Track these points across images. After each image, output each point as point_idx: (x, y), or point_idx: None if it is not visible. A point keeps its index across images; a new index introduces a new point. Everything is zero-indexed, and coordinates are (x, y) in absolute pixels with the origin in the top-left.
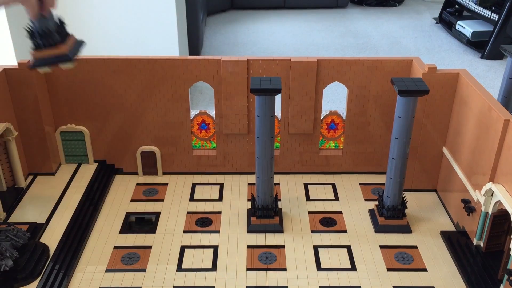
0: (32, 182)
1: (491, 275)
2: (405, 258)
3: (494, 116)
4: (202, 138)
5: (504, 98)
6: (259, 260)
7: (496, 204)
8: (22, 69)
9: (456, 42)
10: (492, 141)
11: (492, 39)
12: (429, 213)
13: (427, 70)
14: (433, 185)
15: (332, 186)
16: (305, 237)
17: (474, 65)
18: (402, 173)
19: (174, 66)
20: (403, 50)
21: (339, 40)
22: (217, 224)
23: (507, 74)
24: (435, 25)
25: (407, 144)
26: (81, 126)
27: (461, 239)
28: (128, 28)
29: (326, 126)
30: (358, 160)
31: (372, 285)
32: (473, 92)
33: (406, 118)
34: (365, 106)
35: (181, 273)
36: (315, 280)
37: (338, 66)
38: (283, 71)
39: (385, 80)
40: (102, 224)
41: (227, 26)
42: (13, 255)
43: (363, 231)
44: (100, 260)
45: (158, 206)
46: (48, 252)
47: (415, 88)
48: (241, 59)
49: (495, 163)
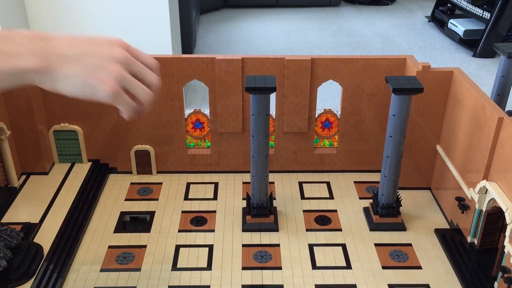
0: (25, 181)
1: (485, 272)
2: (399, 256)
3: (488, 114)
4: (197, 137)
5: (497, 96)
6: (254, 259)
7: (490, 202)
8: None
9: (448, 40)
10: (486, 139)
11: (484, 37)
12: (423, 211)
13: (421, 68)
14: (427, 183)
15: (327, 184)
16: (300, 236)
17: (466, 63)
18: (397, 171)
19: (168, 64)
20: (395, 48)
21: (332, 38)
22: (212, 223)
23: (500, 72)
24: (427, 23)
25: (402, 142)
26: (75, 125)
27: (455, 237)
28: (121, 26)
29: (321, 125)
30: (352, 158)
31: (367, 283)
32: (467, 90)
33: (400, 117)
34: (360, 104)
35: (176, 272)
36: (310, 278)
37: (333, 65)
38: (278, 69)
39: (379, 78)
40: (96, 223)
41: (220, 24)
42: (6, 255)
43: (358, 229)
44: (95, 260)
45: (153, 205)
46: (42, 252)
47: (410, 86)
48: (236, 57)
49: (488, 161)
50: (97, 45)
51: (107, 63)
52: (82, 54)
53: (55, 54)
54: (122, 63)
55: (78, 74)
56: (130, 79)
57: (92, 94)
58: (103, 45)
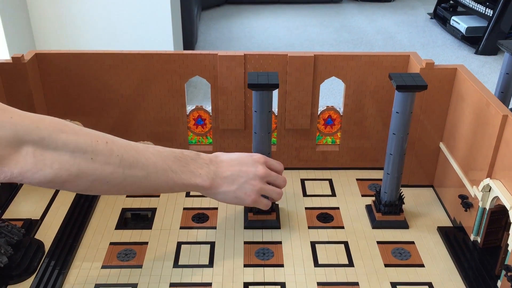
0: None
1: (489, 270)
2: (402, 254)
3: (492, 112)
4: (198, 133)
5: (501, 94)
6: (256, 256)
7: (493, 200)
8: (15, 63)
9: (451, 37)
10: (490, 137)
11: (487, 34)
12: (426, 208)
13: (424, 65)
14: (430, 180)
15: (329, 181)
16: (302, 233)
17: (469, 60)
18: (400, 169)
19: (170, 60)
20: (397, 45)
21: (334, 35)
22: (213, 220)
23: (504, 70)
24: (429, 20)
25: (405, 139)
26: (76, 121)
27: (458, 235)
28: (123, 22)
29: (323, 122)
30: (355, 155)
31: (369, 281)
32: (471, 87)
33: (404, 114)
34: (362, 101)
35: (177, 269)
36: (312, 276)
37: (336, 61)
38: (280, 66)
39: (383, 75)
40: (97, 220)
41: (222, 21)
42: (7, 251)
43: (360, 227)
44: (96, 256)
45: (154, 202)
46: (43, 249)
47: (413, 83)
48: (238, 53)
49: (492, 159)
50: (246, 165)
51: (252, 181)
52: (236, 176)
53: (220, 177)
54: (262, 178)
55: (232, 191)
56: (266, 189)
57: (240, 203)
58: (249, 166)
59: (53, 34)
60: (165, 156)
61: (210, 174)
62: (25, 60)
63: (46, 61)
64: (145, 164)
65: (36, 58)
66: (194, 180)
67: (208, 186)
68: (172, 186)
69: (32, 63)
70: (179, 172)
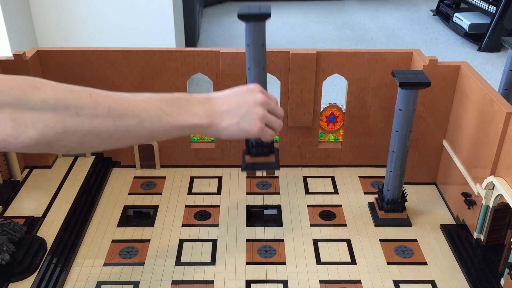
0: (29, 175)
1: (492, 268)
2: (405, 252)
3: (496, 109)
4: None
5: (505, 91)
6: (259, 254)
7: (497, 198)
8: (17, 60)
9: (453, 34)
10: (494, 134)
11: (490, 31)
12: (429, 206)
13: (428, 62)
14: (433, 178)
15: (332, 179)
16: (305, 231)
17: (472, 57)
18: (402, 166)
19: (172, 58)
20: (400, 42)
21: (336, 32)
22: (215, 217)
23: (507, 67)
24: (432, 17)
25: (408, 137)
26: None
27: (461, 233)
28: (124, 19)
29: (326, 119)
30: (357, 153)
31: (372, 278)
32: (475, 84)
33: (407, 111)
34: (365, 98)
35: (180, 267)
36: (314, 273)
37: (338, 58)
38: (282, 63)
39: (386, 72)
40: (99, 217)
41: (224, 18)
42: (9, 249)
43: (362, 225)
44: (98, 254)
45: (156, 200)
46: (45, 246)
47: (417, 80)
48: (240, 51)
49: (496, 156)
50: (243, 95)
51: (253, 109)
52: (236, 107)
53: (218, 113)
54: (262, 105)
55: (235, 123)
56: (269, 117)
57: (245, 134)
58: (247, 95)
59: (55, 31)
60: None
61: (208, 111)
62: (27, 57)
63: (48, 58)
64: (136, 111)
65: (38, 55)
66: (192, 120)
67: (207, 124)
68: (169, 130)
69: (34, 60)
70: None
